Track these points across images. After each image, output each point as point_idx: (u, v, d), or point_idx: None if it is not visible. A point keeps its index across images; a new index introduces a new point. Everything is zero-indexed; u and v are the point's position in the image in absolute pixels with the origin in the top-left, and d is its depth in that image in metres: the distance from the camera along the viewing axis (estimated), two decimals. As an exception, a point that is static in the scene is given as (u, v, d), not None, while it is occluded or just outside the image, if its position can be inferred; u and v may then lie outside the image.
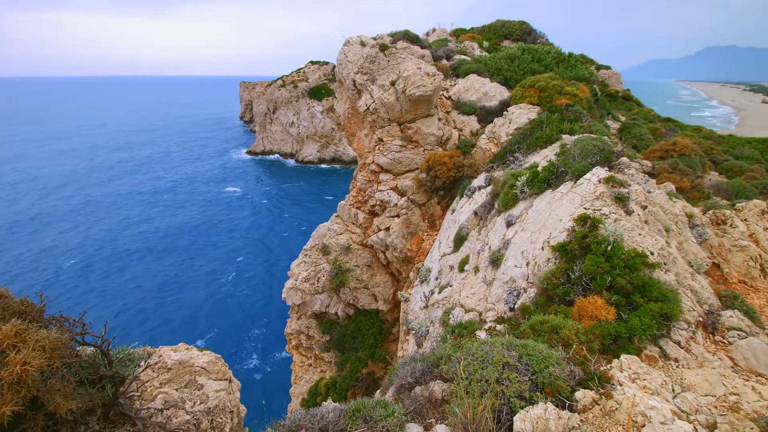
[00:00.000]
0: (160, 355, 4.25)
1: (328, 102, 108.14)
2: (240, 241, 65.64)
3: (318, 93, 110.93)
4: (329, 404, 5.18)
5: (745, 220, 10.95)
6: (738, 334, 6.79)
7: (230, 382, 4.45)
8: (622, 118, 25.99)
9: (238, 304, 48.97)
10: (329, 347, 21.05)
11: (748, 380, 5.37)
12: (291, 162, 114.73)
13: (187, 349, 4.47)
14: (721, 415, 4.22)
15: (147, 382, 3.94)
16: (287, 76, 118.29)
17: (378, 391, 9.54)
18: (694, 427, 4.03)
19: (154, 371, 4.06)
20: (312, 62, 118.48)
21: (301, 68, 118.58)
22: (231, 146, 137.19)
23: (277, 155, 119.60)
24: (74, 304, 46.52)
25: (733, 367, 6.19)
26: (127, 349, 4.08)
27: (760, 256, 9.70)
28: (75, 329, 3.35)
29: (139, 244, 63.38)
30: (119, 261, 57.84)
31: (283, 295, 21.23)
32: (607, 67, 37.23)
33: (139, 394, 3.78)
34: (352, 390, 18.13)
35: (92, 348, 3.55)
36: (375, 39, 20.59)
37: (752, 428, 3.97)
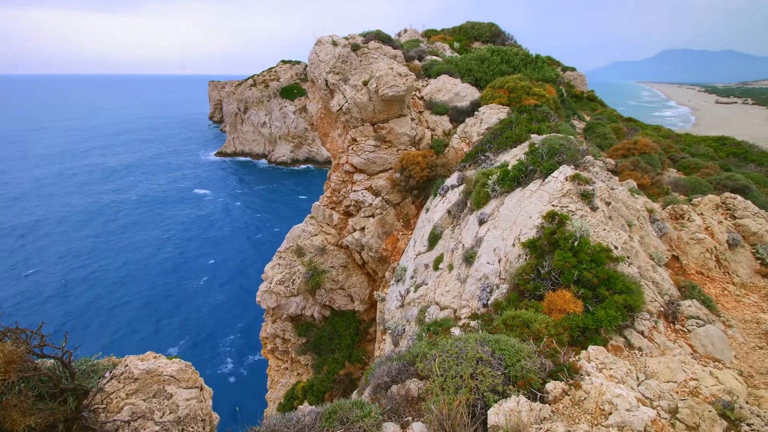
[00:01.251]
0: (126, 365, 4.09)
1: (301, 102, 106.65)
2: (211, 244, 63.92)
3: (290, 92, 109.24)
4: (305, 407, 5.12)
5: (701, 214, 11.55)
6: (696, 323, 7.16)
7: (201, 389, 4.33)
8: (587, 118, 26.95)
9: (211, 309, 47.68)
10: (306, 350, 20.81)
11: (706, 366, 5.67)
12: (263, 163, 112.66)
13: (155, 357, 4.32)
14: (682, 399, 4.44)
15: (112, 393, 3.79)
16: (258, 75, 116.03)
17: (355, 391, 9.52)
18: (657, 412, 4.23)
19: (119, 382, 3.91)
20: (283, 61, 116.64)
21: (273, 67, 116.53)
22: (201, 147, 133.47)
23: (248, 156, 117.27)
24: (33, 315, 44.10)
25: (692, 354, 6.53)
26: (90, 360, 3.90)
27: (715, 248, 10.27)
28: (32, 341, 3.19)
29: (104, 249, 60.71)
30: (82, 268, 55.20)
31: (258, 299, 20.83)
32: (573, 69, 38.55)
33: (104, 406, 3.63)
34: (330, 392, 18.01)
35: (52, 360, 3.39)
36: (347, 39, 20.51)
37: (710, 411, 4.20)
